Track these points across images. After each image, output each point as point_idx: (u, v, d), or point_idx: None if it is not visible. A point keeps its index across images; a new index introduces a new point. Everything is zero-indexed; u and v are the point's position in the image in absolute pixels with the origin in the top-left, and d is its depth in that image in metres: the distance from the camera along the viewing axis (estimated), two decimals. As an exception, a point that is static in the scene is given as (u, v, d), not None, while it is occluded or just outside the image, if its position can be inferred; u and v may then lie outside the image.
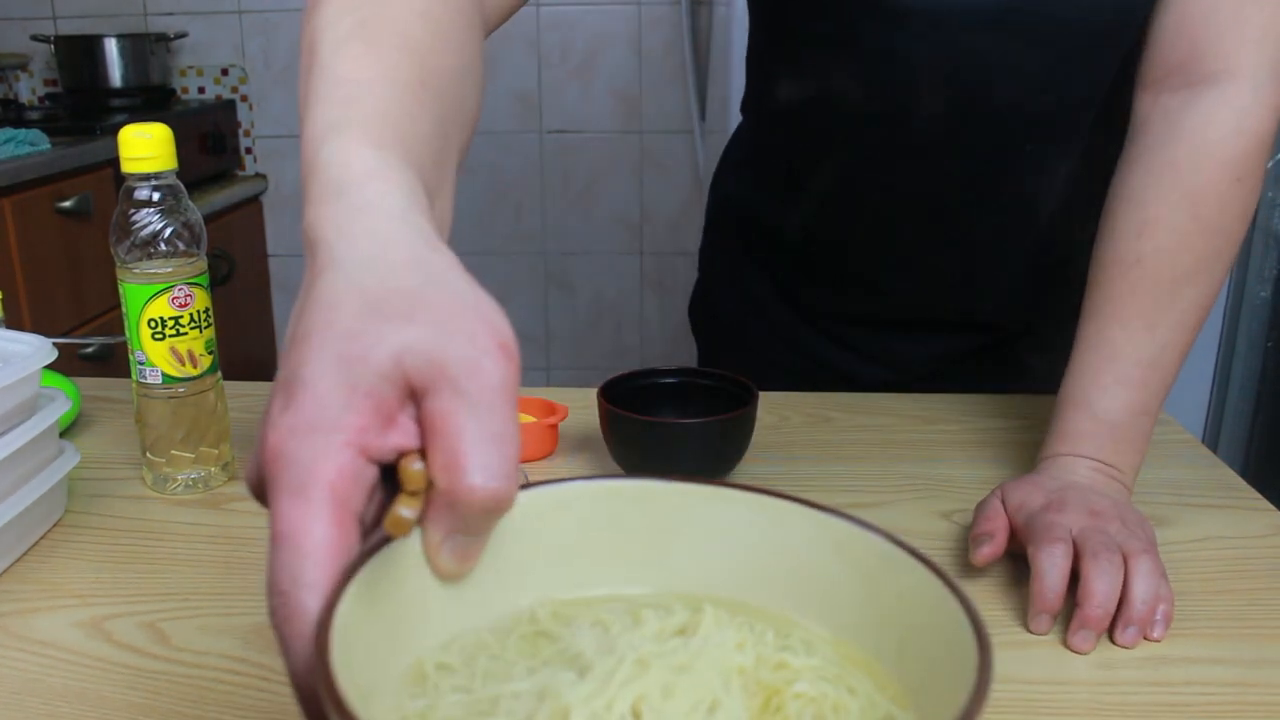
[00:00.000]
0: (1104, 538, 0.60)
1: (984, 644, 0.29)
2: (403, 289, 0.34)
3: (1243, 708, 0.53)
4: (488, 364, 0.33)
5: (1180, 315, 0.68)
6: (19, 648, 0.58)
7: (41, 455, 0.69)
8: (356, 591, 0.30)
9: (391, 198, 0.37)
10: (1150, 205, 0.69)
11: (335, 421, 0.31)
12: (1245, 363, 1.87)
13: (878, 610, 0.34)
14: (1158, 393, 0.69)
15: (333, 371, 0.32)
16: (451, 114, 0.48)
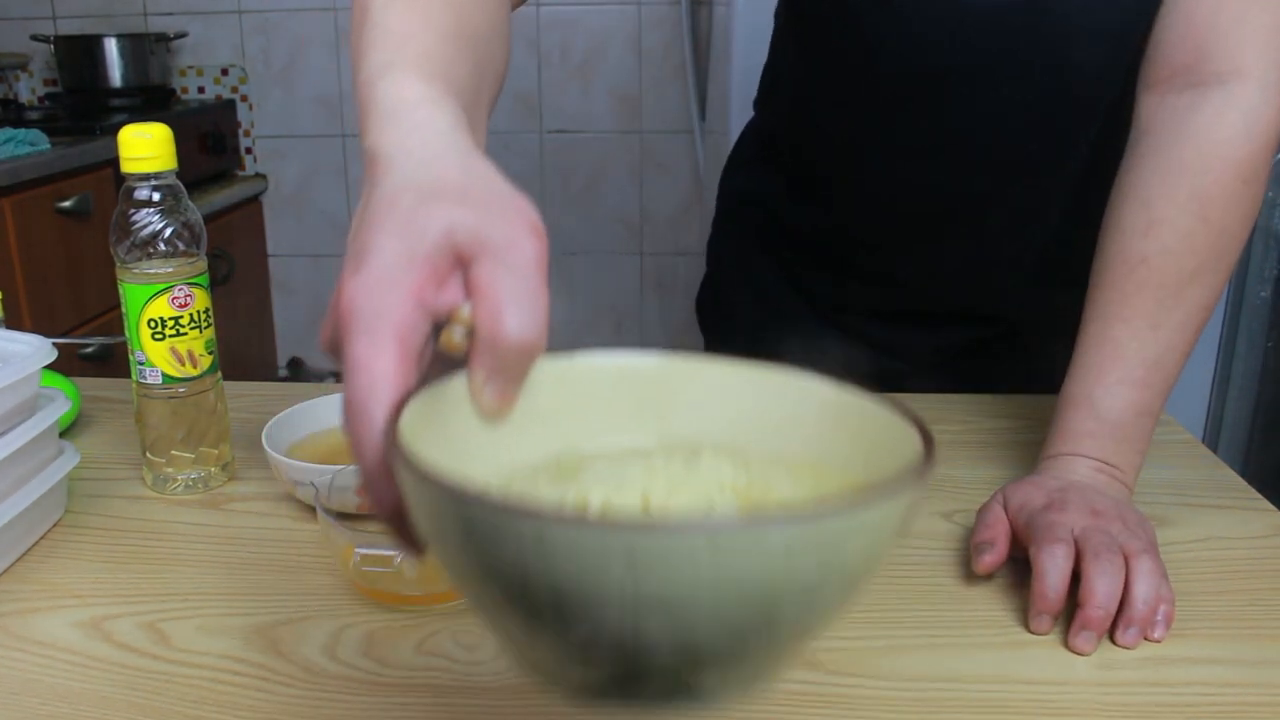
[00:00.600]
0: (1105, 538, 0.60)
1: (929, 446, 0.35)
2: (452, 182, 0.40)
3: (1243, 708, 0.53)
4: (523, 241, 0.38)
5: (1184, 316, 0.68)
6: (19, 648, 0.58)
7: (41, 455, 0.68)
8: (414, 408, 0.36)
9: (440, 119, 0.44)
10: (1157, 205, 0.68)
11: (398, 279, 0.38)
12: (1245, 363, 1.87)
13: (855, 450, 0.39)
14: (1160, 393, 0.69)
15: (395, 241, 0.38)
16: (484, 65, 0.53)
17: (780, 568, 0.30)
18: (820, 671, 0.55)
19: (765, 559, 0.30)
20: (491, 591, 0.33)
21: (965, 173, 0.83)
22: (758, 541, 0.30)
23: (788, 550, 0.30)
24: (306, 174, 2.75)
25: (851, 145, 0.86)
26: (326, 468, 0.67)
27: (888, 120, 0.83)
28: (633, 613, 0.31)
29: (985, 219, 0.85)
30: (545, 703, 0.53)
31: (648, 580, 0.30)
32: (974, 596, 0.63)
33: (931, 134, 0.82)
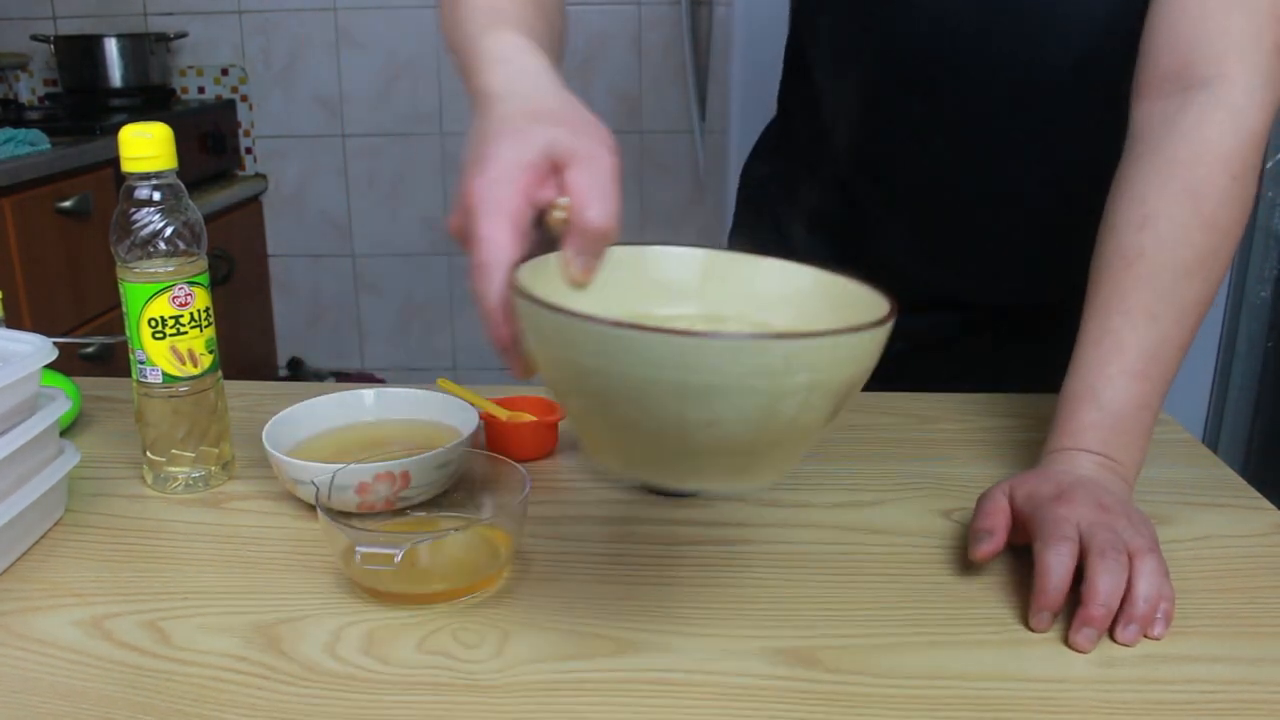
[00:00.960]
0: (1111, 535, 0.60)
1: (892, 305, 0.49)
2: (551, 109, 0.54)
3: (1243, 706, 0.53)
4: (603, 155, 0.52)
5: (1181, 310, 0.69)
6: (19, 646, 0.58)
7: (42, 454, 0.69)
8: (524, 270, 0.49)
9: (537, 63, 0.58)
10: (1151, 200, 0.70)
11: (513, 177, 0.51)
12: (1245, 363, 1.87)
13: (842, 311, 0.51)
14: (1159, 386, 0.69)
15: (510, 151, 0.51)
16: (554, 26, 0.68)
17: (780, 371, 0.44)
18: (820, 669, 0.55)
19: (769, 364, 0.43)
20: (582, 391, 0.47)
21: (962, 155, 0.86)
22: (764, 350, 0.44)
23: (786, 359, 0.44)
24: (306, 174, 2.75)
25: (873, 128, 0.90)
26: (327, 466, 0.67)
27: (885, 103, 0.87)
28: (678, 400, 0.44)
29: (979, 200, 0.88)
30: (545, 701, 0.53)
31: (688, 374, 0.43)
32: (974, 594, 0.63)
33: (926, 117, 0.86)
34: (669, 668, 0.56)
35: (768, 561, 0.67)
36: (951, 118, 0.86)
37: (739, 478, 0.49)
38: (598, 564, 0.66)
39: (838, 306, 0.53)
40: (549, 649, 0.57)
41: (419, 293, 2.84)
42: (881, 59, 0.87)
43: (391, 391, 0.82)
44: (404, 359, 2.90)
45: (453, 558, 0.65)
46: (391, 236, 2.79)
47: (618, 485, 0.77)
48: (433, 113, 2.69)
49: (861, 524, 0.71)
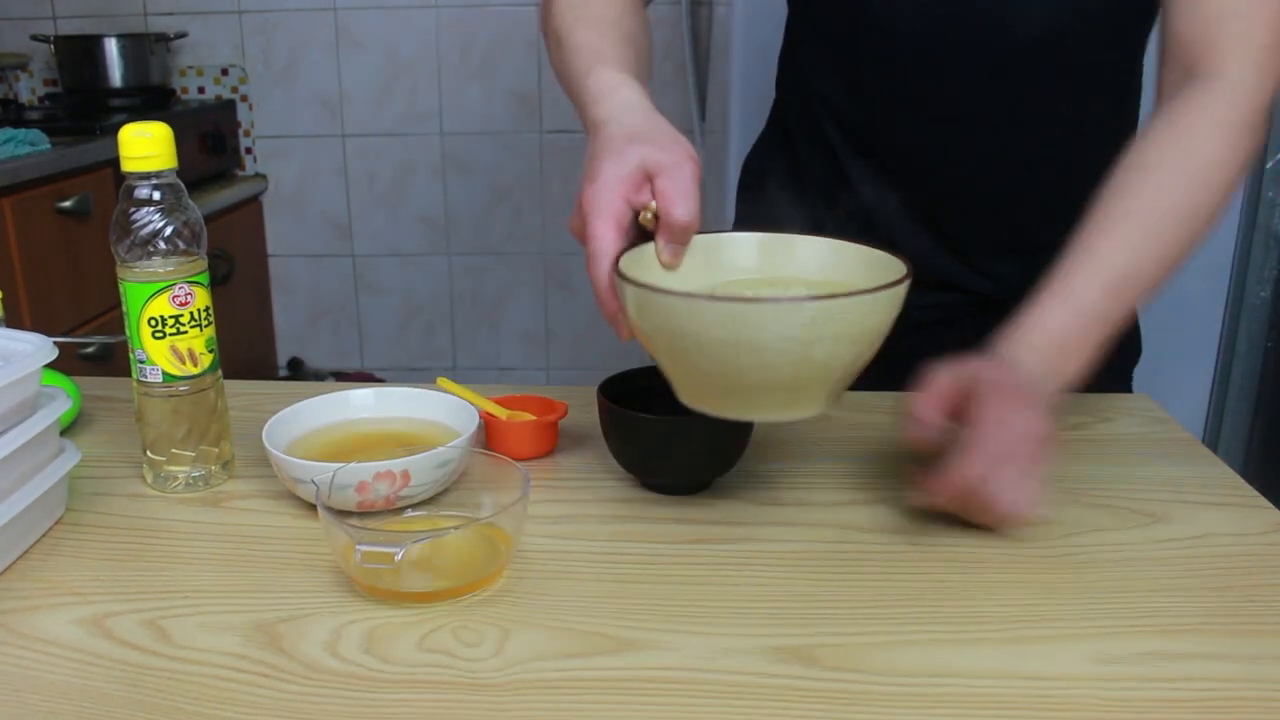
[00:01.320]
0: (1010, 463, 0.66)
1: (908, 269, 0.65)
2: (643, 130, 0.69)
3: (1242, 704, 0.53)
4: (685, 165, 0.67)
5: (1160, 250, 0.75)
6: (20, 645, 0.58)
7: (42, 454, 0.69)
8: (626, 258, 0.67)
9: (633, 95, 0.74)
10: (1150, 151, 0.78)
11: (615, 188, 0.67)
12: (1245, 363, 1.87)
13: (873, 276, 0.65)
14: (1122, 309, 0.75)
15: (612, 166, 0.67)
16: (641, 54, 0.82)
17: (810, 325, 0.60)
18: (819, 667, 0.55)
19: (801, 320, 0.60)
20: (670, 348, 0.64)
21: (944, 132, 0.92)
22: (798, 310, 0.60)
23: (814, 316, 0.60)
24: (306, 174, 2.75)
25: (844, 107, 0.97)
26: (327, 465, 0.67)
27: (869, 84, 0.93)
28: (734, 350, 0.60)
29: (965, 174, 0.93)
30: (545, 699, 0.53)
31: (741, 331, 0.60)
32: (972, 592, 0.63)
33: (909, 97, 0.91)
34: (668, 666, 0.56)
35: (767, 560, 0.67)
36: (932, 96, 0.91)
37: (789, 410, 0.65)
38: (598, 563, 0.67)
39: (867, 269, 0.68)
40: (549, 647, 0.57)
41: (419, 293, 2.84)
42: (864, 43, 0.92)
43: (391, 391, 0.82)
44: (404, 359, 2.90)
45: (453, 556, 0.65)
46: (391, 236, 2.79)
47: (617, 485, 0.77)
48: (433, 113, 2.69)
49: (861, 523, 0.71)
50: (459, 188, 2.74)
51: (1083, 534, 0.70)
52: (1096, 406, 0.92)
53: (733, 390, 0.64)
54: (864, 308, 0.61)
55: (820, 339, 0.60)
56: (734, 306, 0.60)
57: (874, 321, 0.62)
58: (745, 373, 0.61)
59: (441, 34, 2.64)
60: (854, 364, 0.64)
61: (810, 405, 0.65)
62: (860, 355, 0.63)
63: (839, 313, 0.60)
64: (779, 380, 0.62)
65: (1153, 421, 0.89)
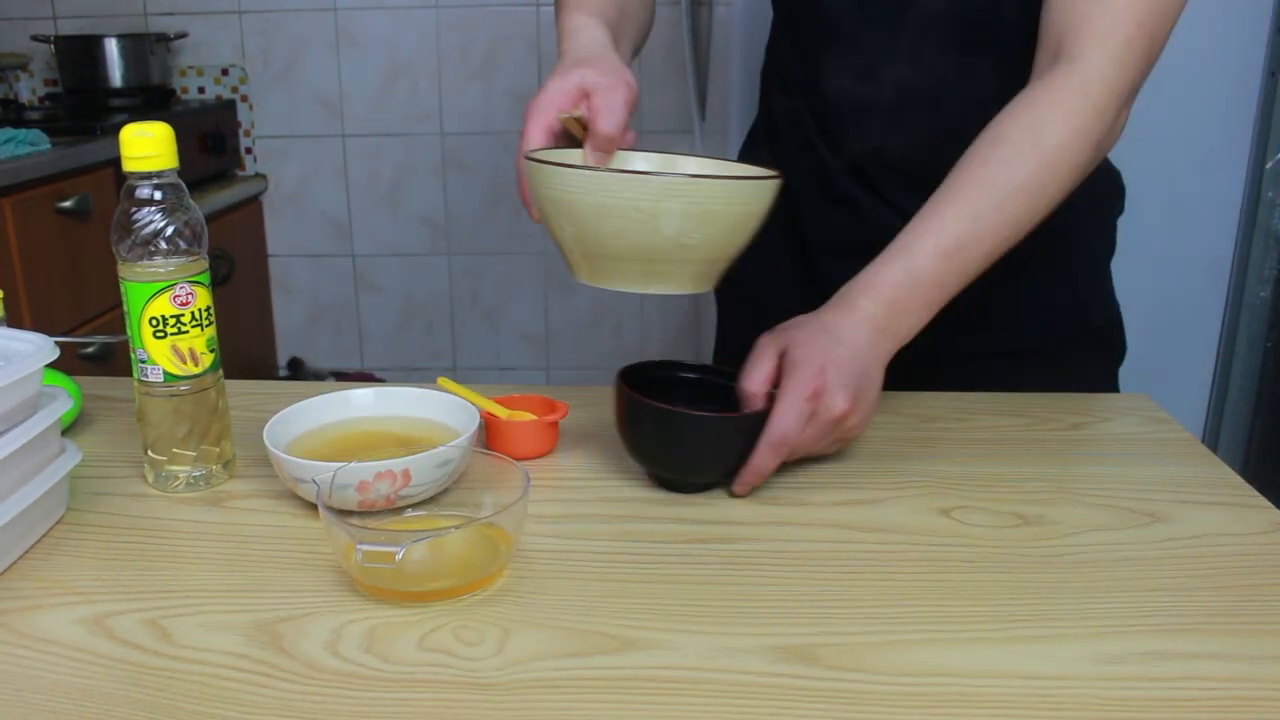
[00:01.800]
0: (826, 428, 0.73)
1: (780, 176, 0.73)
2: (589, 59, 0.80)
3: (1242, 703, 0.53)
4: (619, 86, 0.79)
5: (1000, 221, 0.79)
6: (21, 644, 0.58)
7: (43, 453, 0.69)
8: (547, 153, 0.76)
9: (598, 34, 0.85)
10: (1005, 127, 0.81)
11: (553, 98, 0.79)
12: (1245, 363, 1.87)
13: None
14: (958, 275, 0.78)
15: (556, 81, 0.79)
16: (626, 10, 0.92)
17: (656, 197, 0.67)
18: (818, 666, 0.56)
19: (648, 191, 0.67)
20: (554, 217, 0.73)
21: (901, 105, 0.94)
22: (645, 181, 0.68)
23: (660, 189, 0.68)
24: (306, 174, 2.75)
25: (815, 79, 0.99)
26: (328, 465, 0.67)
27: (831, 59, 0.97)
28: (599, 216, 0.69)
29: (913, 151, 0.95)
30: (546, 699, 0.53)
31: (601, 197, 0.68)
32: (971, 591, 0.63)
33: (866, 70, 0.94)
34: (669, 665, 0.56)
35: (768, 560, 0.67)
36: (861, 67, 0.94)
37: (651, 282, 0.72)
38: (598, 562, 0.67)
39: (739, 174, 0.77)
40: (549, 647, 0.57)
41: (419, 293, 2.84)
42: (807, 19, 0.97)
43: (391, 391, 0.82)
44: (404, 359, 2.90)
45: (453, 556, 0.65)
46: (391, 236, 2.79)
47: (618, 485, 0.77)
48: (433, 113, 2.69)
49: (861, 523, 0.71)
50: (459, 188, 2.74)
51: (1083, 534, 0.70)
52: (1096, 406, 0.92)
53: (600, 257, 0.71)
54: (709, 189, 0.68)
55: (668, 214, 0.67)
56: (593, 174, 0.69)
57: (722, 206, 0.69)
58: (605, 239, 0.69)
59: (441, 34, 2.64)
60: (708, 246, 0.70)
61: (673, 282, 0.72)
62: (712, 239, 0.70)
63: (682, 189, 0.67)
64: (635, 249, 0.69)
65: (1153, 421, 0.89)
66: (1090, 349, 1.02)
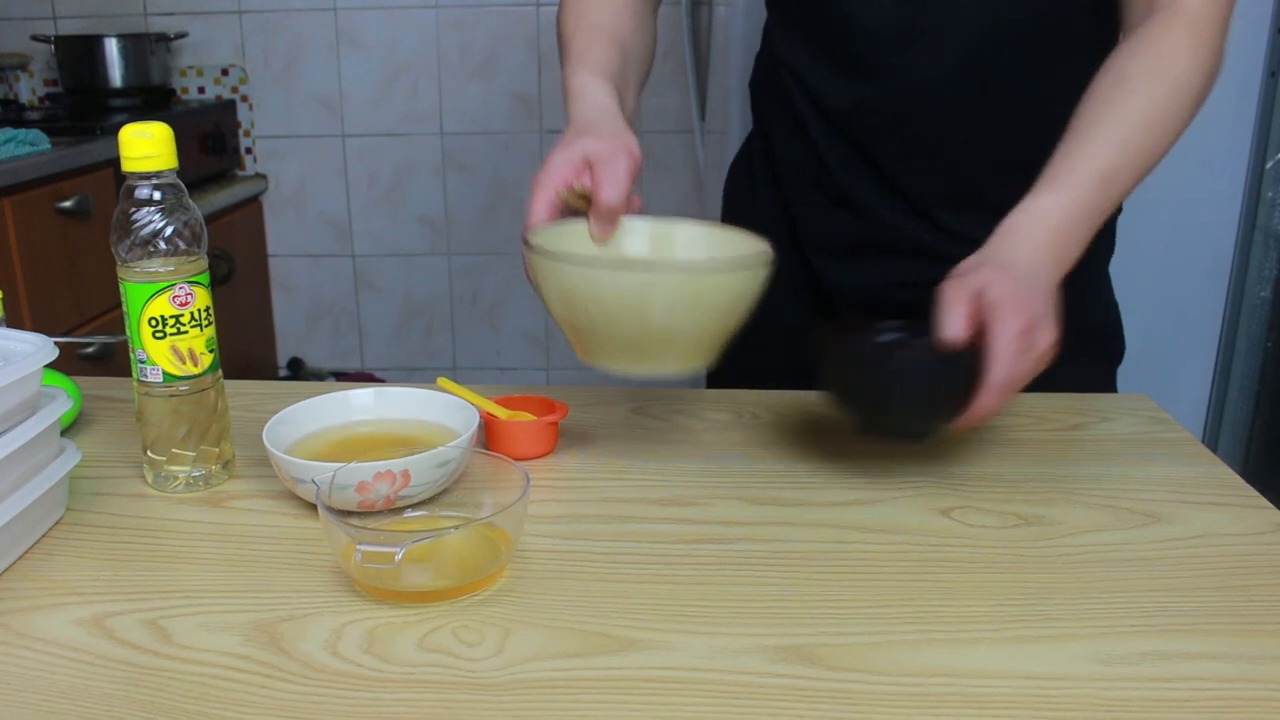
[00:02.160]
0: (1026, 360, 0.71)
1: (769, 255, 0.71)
2: (593, 127, 0.79)
3: (1242, 704, 0.53)
4: (621, 156, 0.77)
5: (1143, 149, 0.80)
6: (21, 645, 0.58)
7: (43, 454, 0.69)
8: (550, 229, 0.75)
9: (603, 97, 0.83)
10: (1126, 63, 0.83)
11: (556, 171, 0.77)
12: (1245, 363, 1.87)
13: None
14: (1112, 199, 0.79)
15: (560, 153, 0.77)
16: (629, 56, 0.91)
17: (644, 289, 0.66)
18: (817, 666, 0.55)
19: (633, 283, 0.66)
20: (548, 301, 0.71)
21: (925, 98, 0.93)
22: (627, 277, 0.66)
23: (644, 283, 0.66)
24: (306, 174, 2.75)
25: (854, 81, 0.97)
26: (327, 465, 0.67)
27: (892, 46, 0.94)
28: (595, 305, 0.67)
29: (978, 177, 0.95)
30: (545, 699, 0.53)
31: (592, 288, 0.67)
32: (971, 591, 0.63)
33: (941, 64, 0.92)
34: (669, 665, 0.56)
35: (767, 560, 0.67)
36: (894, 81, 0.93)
37: (648, 365, 0.70)
38: (597, 563, 0.67)
39: (730, 250, 0.75)
40: (549, 647, 0.57)
41: (419, 293, 2.84)
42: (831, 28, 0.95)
43: (391, 391, 0.82)
44: (404, 359, 2.90)
45: (453, 556, 0.65)
46: (391, 236, 2.79)
47: (618, 485, 0.77)
48: (433, 113, 2.69)
49: (861, 523, 0.71)
50: (459, 188, 2.74)
51: (1083, 534, 0.70)
52: (1096, 406, 0.92)
53: (595, 343, 0.70)
54: (695, 281, 0.66)
55: (655, 306, 0.66)
56: (581, 270, 0.67)
57: (710, 294, 0.67)
58: (598, 328, 0.68)
59: (441, 34, 2.64)
60: (700, 331, 0.69)
61: (669, 364, 0.70)
62: (703, 325, 0.68)
63: (668, 282, 0.66)
64: (627, 338, 0.68)
65: (1153, 421, 0.89)
66: (1088, 349, 1.02)
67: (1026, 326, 0.70)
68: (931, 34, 0.91)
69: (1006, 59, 0.91)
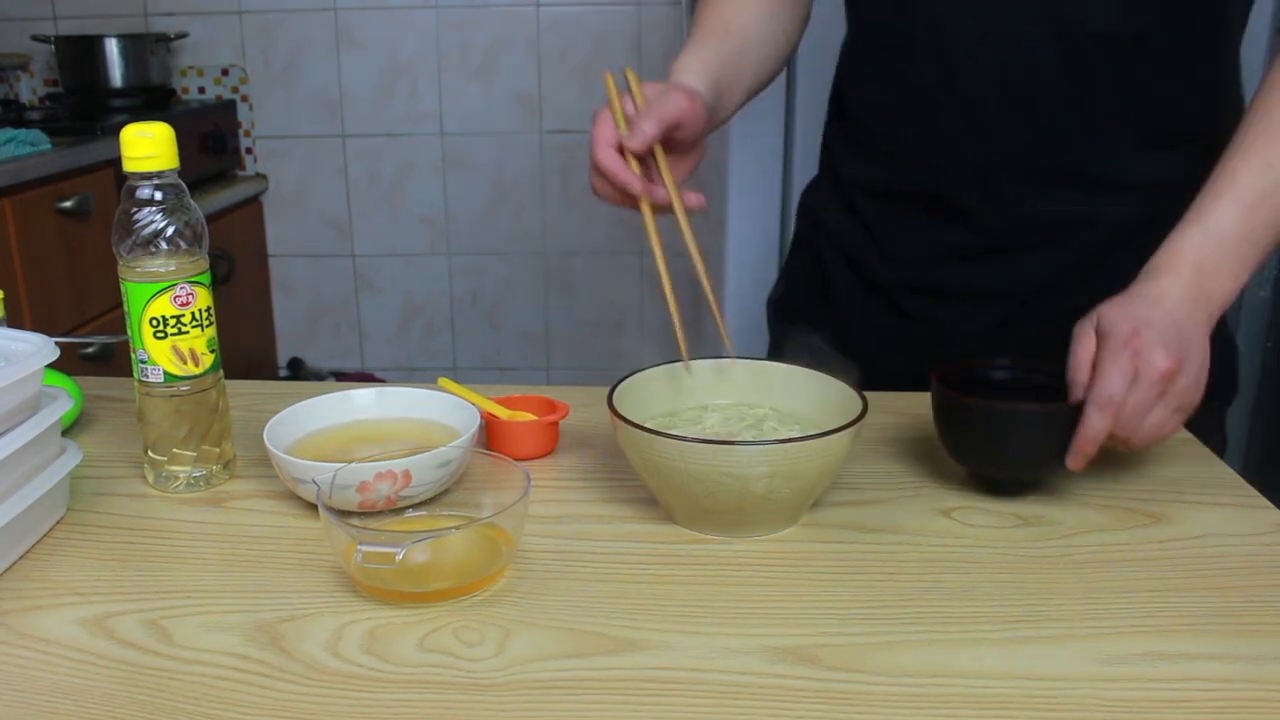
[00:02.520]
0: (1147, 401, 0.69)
1: (863, 410, 0.69)
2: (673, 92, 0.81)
3: (1241, 704, 0.53)
4: (674, 94, 0.80)
5: None
6: (22, 645, 0.58)
7: (44, 454, 0.69)
8: (621, 388, 0.74)
9: (693, 80, 0.85)
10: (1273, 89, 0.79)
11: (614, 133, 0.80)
12: (1245, 363, 1.87)
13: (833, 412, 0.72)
14: (1265, 226, 0.75)
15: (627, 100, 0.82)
16: (740, 59, 0.93)
17: (745, 465, 0.65)
18: (820, 667, 0.56)
19: (737, 461, 0.65)
20: (643, 470, 0.70)
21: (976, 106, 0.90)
22: (731, 452, 0.65)
23: (748, 458, 0.65)
24: (306, 174, 2.75)
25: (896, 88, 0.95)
26: (328, 465, 0.67)
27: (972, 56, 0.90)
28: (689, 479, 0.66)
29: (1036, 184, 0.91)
30: (546, 699, 0.53)
31: (689, 464, 0.66)
32: (970, 591, 0.63)
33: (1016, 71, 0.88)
34: (669, 666, 0.56)
35: (767, 560, 0.67)
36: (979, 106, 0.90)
37: (746, 531, 0.69)
38: (597, 563, 0.67)
39: (834, 403, 0.73)
40: (549, 647, 0.57)
41: (419, 293, 2.84)
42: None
43: (392, 391, 0.82)
44: (404, 359, 2.90)
45: (453, 556, 0.65)
46: (391, 236, 2.79)
47: (618, 485, 0.77)
48: (433, 113, 2.69)
49: (861, 523, 0.71)
50: (459, 188, 2.74)
51: (1083, 534, 0.70)
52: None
53: (692, 510, 0.69)
54: (796, 451, 0.65)
55: (757, 477, 0.65)
56: (681, 444, 0.65)
57: (807, 463, 0.66)
58: (697, 498, 0.67)
59: (441, 34, 2.64)
60: (798, 494, 0.68)
61: (766, 526, 0.70)
62: (802, 489, 0.68)
63: (773, 456, 0.65)
64: (727, 508, 0.67)
65: (1153, 422, 0.89)
66: None
67: (1132, 350, 0.69)
68: None
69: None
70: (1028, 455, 0.73)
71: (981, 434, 0.74)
